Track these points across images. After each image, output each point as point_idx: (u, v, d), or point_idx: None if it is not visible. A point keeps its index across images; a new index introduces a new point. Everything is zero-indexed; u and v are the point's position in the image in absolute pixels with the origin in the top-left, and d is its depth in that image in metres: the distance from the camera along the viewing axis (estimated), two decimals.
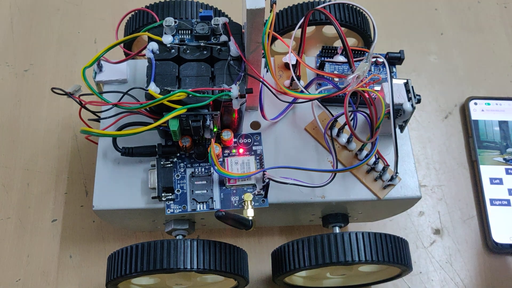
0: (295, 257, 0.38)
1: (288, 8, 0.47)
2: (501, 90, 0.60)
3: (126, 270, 0.36)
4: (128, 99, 0.38)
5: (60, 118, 0.56)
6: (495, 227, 0.51)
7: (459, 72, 0.62)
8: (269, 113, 0.41)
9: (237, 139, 0.40)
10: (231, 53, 0.34)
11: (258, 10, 0.30)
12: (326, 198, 0.39)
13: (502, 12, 0.66)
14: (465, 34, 0.64)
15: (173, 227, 0.40)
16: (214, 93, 0.33)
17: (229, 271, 0.37)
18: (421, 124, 0.58)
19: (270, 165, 0.39)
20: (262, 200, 0.38)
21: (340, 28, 0.34)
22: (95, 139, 0.41)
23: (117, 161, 0.40)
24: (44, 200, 0.52)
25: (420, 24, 0.65)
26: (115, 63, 0.41)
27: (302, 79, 0.42)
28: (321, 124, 0.41)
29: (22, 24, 0.63)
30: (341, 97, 0.39)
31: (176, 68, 0.34)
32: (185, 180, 0.38)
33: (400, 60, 0.42)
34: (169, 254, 0.35)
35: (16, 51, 0.61)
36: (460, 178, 0.55)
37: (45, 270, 0.49)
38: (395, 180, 0.39)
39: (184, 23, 0.35)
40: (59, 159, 0.54)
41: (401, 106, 0.37)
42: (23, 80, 0.59)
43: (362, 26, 0.47)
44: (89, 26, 0.63)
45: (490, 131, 0.56)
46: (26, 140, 0.55)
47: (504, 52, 0.63)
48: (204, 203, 0.38)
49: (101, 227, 0.51)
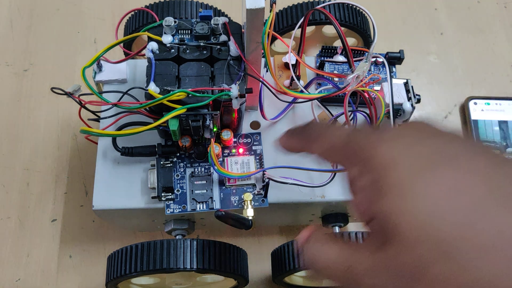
0: (295, 257, 0.38)
1: (288, 8, 0.47)
2: (501, 90, 0.60)
3: (126, 270, 0.36)
4: (128, 99, 0.38)
5: (60, 118, 0.56)
6: None
7: (459, 72, 0.62)
8: (269, 113, 0.41)
9: (237, 139, 0.40)
10: (231, 53, 0.34)
11: (258, 10, 0.30)
12: (326, 198, 0.39)
13: (502, 12, 0.66)
14: (465, 34, 0.64)
15: (173, 227, 0.40)
16: (214, 93, 0.33)
17: (229, 271, 0.37)
18: None
19: (270, 165, 0.39)
20: (262, 200, 0.38)
21: (340, 28, 0.34)
22: (94, 139, 0.41)
23: (117, 161, 0.40)
24: (44, 200, 0.52)
25: (420, 24, 0.65)
26: (115, 63, 0.41)
27: (302, 79, 0.42)
28: None
29: (22, 24, 0.63)
30: (341, 97, 0.39)
31: (176, 68, 0.34)
32: (185, 180, 0.38)
33: (400, 60, 0.42)
34: (169, 254, 0.35)
35: (16, 51, 0.61)
36: None
37: (45, 270, 0.49)
38: None
39: (184, 23, 0.35)
40: (59, 159, 0.54)
41: (400, 106, 0.37)
42: (23, 80, 0.59)
43: (362, 26, 0.47)
44: (89, 26, 0.63)
45: (490, 131, 0.56)
46: (26, 140, 0.55)
47: (504, 52, 0.63)
48: (204, 203, 0.38)
49: (101, 227, 0.51)
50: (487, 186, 0.18)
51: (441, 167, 0.19)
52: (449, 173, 0.19)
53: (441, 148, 0.20)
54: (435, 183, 0.19)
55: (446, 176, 0.19)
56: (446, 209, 0.18)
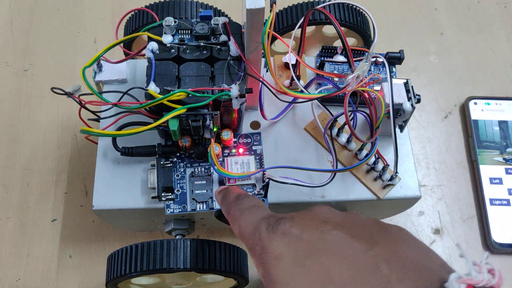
0: None
1: (288, 8, 0.47)
2: (501, 90, 0.60)
3: (126, 270, 0.36)
4: (128, 99, 0.38)
5: (60, 118, 0.57)
6: (495, 227, 0.51)
7: (459, 72, 0.62)
8: (269, 113, 0.41)
9: (237, 139, 0.40)
10: (231, 53, 0.34)
11: (258, 10, 0.30)
12: (326, 198, 0.39)
13: (502, 12, 0.66)
14: (465, 34, 0.64)
15: (173, 227, 0.40)
16: (214, 93, 0.33)
17: (229, 271, 0.37)
18: (421, 124, 0.58)
19: (270, 165, 0.39)
20: (262, 199, 0.38)
21: (340, 28, 0.34)
22: (95, 139, 0.41)
23: (117, 161, 0.40)
24: (44, 200, 0.52)
25: (420, 24, 0.65)
26: (115, 63, 0.41)
27: (302, 79, 0.42)
28: (321, 124, 0.41)
29: (22, 24, 0.63)
30: (341, 97, 0.39)
31: (176, 68, 0.34)
32: (185, 180, 0.38)
33: (400, 60, 0.42)
34: (169, 254, 0.35)
35: (16, 51, 0.61)
36: (460, 178, 0.55)
37: (45, 270, 0.49)
38: (395, 180, 0.39)
39: (184, 23, 0.35)
40: (59, 159, 0.54)
41: (401, 106, 0.37)
42: (23, 80, 0.59)
43: (362, 26, 0.47)
44: (89, 26, 0.63)
45: (490, 131, 0.56)
46: (26, 140, 0.55)
47: (504, 52, 0.63)
48: (204, 203, 0.38)
49: (101, 227, 0.51)
50: (355, 272, 0.21)
51: (321, 256, 0.23)
52: (325, 261, 0.23)
53: (326, 236, 0.24)
54: (313, 272, 0.22)
55: (322, 264, 0.22)
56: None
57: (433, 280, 0.20)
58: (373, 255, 0.22)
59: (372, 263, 0.21)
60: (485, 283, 0.20)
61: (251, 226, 0.28)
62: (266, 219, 0.27)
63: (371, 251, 0.22)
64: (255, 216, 0.28)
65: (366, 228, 0.24)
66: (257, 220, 0.28)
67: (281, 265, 0.24)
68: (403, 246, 0.23)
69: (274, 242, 0.25)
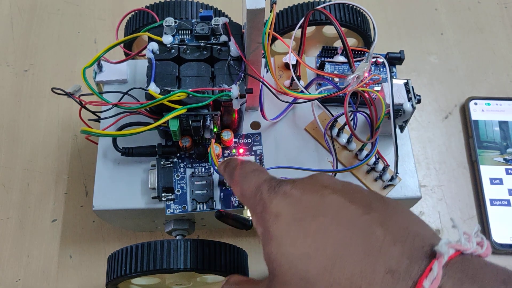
0: None
1: (288, 8, 0.47)
2: (501, 90, 0.60)
3: (126, 270, 0.36)
4: (128, 99, 0.38)
5: (60, 118, 0.56)
6: (495, 227, 0.51)
7: (459, 72, 0.62)
8: (269, 113, 0.41)
9: (237, 139, 0.40)
10: (231, 53, 0.34)
11: (258, 10, 0.30)
12: None
13: (502, 12, 0.66)
14: (465, 34, 0.64)
15: (173, 227, 0.40)
16: (214, 93, 0.33)
17: (229, 271, 0.37)
18: (421, 124, 0.58)
19: (270, 165, 0.39)
20: None
21: (340, 28, 0.34)
22: (95, 139, 0.41)
23: (117, 161, 0.40)
24: (44, 200, 0.52)
25: (420, 24, 0.65)
26: (115, 63, 0.41)
27: (302, 79, 0.42)
28: (321, 124, 0.41)
29: (22, 24, 0.63)
30: (341, 97, 0.39)
31: (176, 68, 0.34)
32: (185, 180, 0.38)
33: (400, 60, 0.42)
34: (169, 254, 0.35)
35: (16, 51, 0.61)
36: (460, 178, 0.55)
37: (45, 270, 0.49)
38: (395, 180, 0.39)
39: (184, 23, 0.35)
40: (59, 159, 0.54)
41: (401, 106, 0.37)
42: (23, 80, 0.59)
43: (362, 26, 0.47)
44: (89, 26, 0.63)
45: (490, 131, 0.56)
46: (26, 140, 0.55)
47: (504, 52, 0.63)
48: (204, 203, 0.38)
49: (101, 227, 0.51)
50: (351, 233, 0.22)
51: (319, 217, 0.24)
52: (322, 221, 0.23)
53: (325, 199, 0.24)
54: (310, 230, 0.23)
55: (319, 224, 0.23)
56: (312, 255, 0.22)
57: (425, 245, 0.21)
58: (369, 219, 0.23)
59: (368, 226, 0.22)
60: (473, 251, 0.21)
61: (254, 187, 0.28)
62: (268, 181, 0.28)
63: (367, 215, 0.23)
64: (257, 178, 0.29)
65: (365, 196, 0.25)
66: (260, 181, 0.28)
67: (280, 222, 0.25)
68: (398, 215, 0.24)
69: (275, 201, 0.26)
